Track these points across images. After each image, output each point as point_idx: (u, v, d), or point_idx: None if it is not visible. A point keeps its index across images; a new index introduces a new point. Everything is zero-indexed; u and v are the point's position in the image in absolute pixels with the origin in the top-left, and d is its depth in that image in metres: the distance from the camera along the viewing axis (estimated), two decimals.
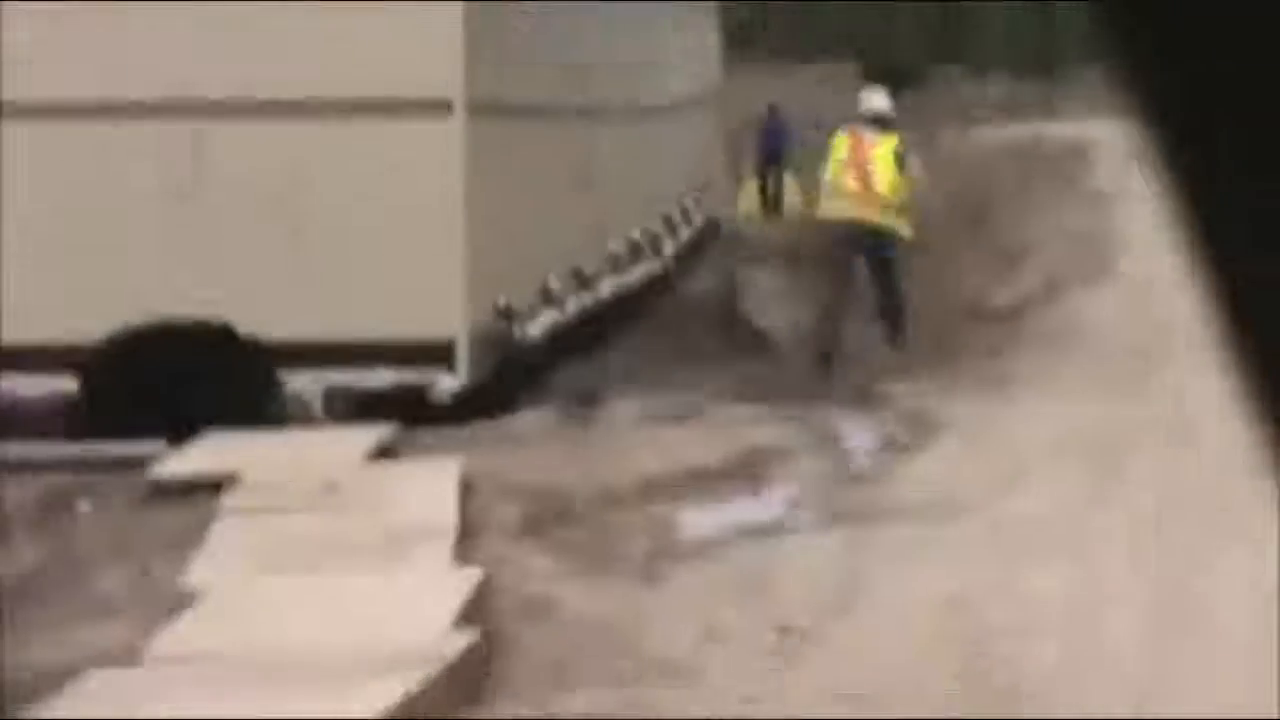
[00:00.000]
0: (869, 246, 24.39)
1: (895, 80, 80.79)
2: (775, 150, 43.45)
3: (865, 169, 24.50)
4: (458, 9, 20.63)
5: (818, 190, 25.72)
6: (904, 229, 24.70)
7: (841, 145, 24.92)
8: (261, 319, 20.13)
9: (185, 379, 19.53)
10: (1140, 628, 12.76)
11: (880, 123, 25.24)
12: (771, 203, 42.98)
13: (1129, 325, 24.65)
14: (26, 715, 11.38)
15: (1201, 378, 20.59)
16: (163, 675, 11.98)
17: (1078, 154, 37.70)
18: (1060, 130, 46.10)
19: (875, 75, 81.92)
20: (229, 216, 20.32)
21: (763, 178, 43.61)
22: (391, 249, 20.24)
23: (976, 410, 20.05)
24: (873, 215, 24.38)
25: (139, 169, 20.27)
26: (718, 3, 44.43)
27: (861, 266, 24.52)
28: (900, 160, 24.86)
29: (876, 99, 25.75)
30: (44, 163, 20.33)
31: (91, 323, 20.05)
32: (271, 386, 20.05)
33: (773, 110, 44.04)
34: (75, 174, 20.32)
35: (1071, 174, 37.92)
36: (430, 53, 20.49)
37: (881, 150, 24.80)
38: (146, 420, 18.89)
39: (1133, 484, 16.60)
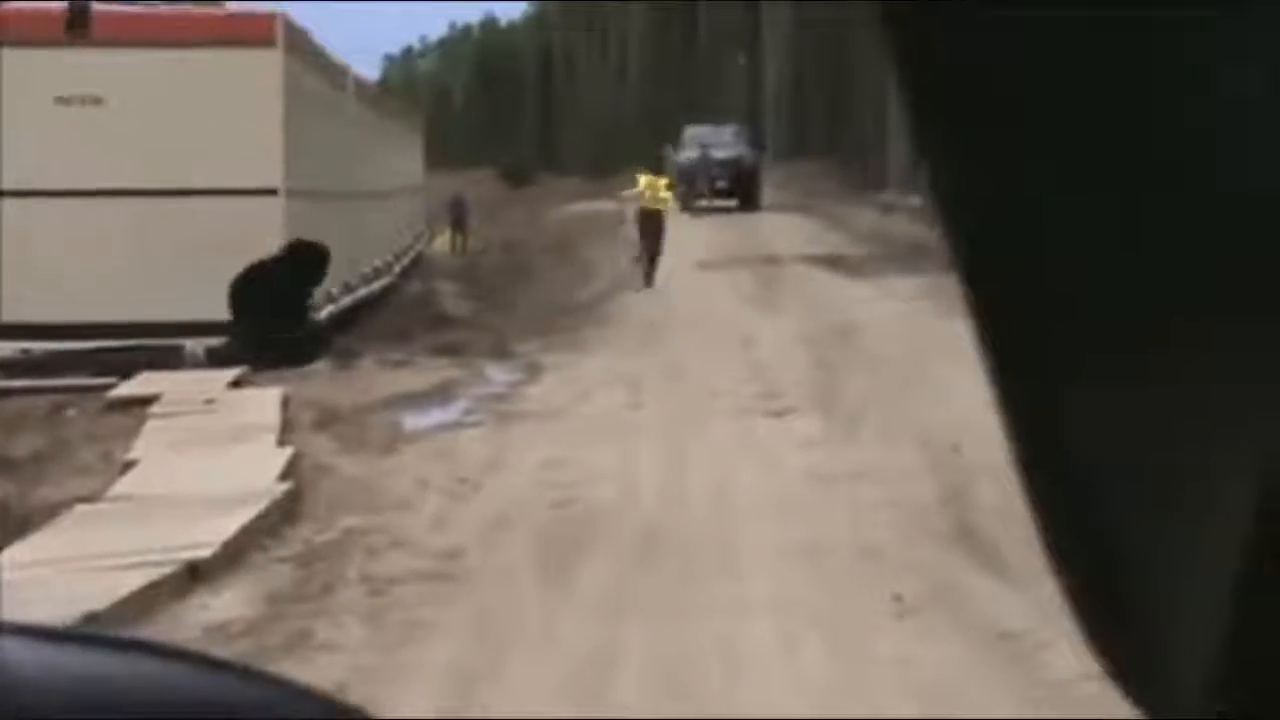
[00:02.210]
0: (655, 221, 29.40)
1: (518, 179, 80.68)
2: (460, 217, 43.37)
3: (656, 189, 30.03)
4: (279, 136, 20.35)
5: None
6: (667, 210, 30.45)
7: (643, 180, 30.26)
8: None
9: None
10: (655, 477, 12.82)
11: (656, 170, 32.39)
12: (458, 245, 42.68)
13: (648, 314, 24.78)
14: (38, 531, 11.14)
15: (684, 343, 20.84)
16: (115, 508, 11.79)
17: (619, 219, 37.70)
18: (607, 206, 45.98)
19: (507, 177, 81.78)
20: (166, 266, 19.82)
21: (453, 231, 43.40)
22: None
23: (565, 359, 20.08)
24: (660, 206, 29.71)
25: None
26: (422, 138, 44.78)
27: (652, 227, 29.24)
28: (670, 184, 32.24)
29: (667, 151, 33.83)
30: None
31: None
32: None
33: (457, 196, 43.92)
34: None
35: (614, 229, 37.85)
36: (265, 159, 20.20)
37: (663, 182, 31.21)
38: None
39: (648, 401, 16.68)
